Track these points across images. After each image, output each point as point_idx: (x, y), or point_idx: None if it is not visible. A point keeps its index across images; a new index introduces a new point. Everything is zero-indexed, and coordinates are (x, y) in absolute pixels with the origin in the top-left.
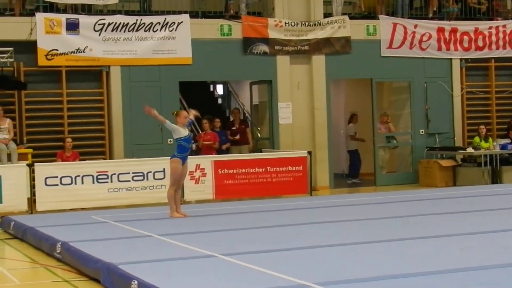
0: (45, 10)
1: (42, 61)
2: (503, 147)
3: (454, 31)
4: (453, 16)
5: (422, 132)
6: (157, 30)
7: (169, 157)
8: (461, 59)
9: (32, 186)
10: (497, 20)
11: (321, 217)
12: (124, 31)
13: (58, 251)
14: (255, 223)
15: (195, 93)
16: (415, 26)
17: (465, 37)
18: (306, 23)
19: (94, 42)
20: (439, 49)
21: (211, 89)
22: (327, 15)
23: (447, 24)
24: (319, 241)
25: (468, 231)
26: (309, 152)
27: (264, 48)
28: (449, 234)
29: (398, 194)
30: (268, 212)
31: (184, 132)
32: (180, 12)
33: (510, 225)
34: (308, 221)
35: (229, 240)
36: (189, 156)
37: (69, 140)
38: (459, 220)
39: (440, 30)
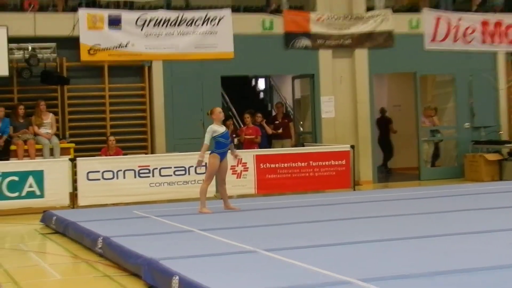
0: (88, 6)
1: (84, 56)
2: None
3: (498, 24)
4: (497, 9)
5: (467, 125)
6: (198, 25)
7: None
8: (506, 52)
9: (74, 181)
10: None
11: (364, 212)
12: (166, 26)
13: (99, 246)
14: (297, 218)
15: (236, 88)
16: (459, 19)
17: (510, 30)
18: (349, 17)
19: (136, 37)
20: (484, 42)
21: (253, 83)
22: (369, 8)
23: (491, 17)
24: (363, 236)
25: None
26: (352, 146)
27: (306, 42)
28: (496, 230)
29: (442, 189)
30: (311, 207)
31: (221, 129)
32: (221, 7)
33: None
34: (351, 216)
35: (271, 235)
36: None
37: (112, 138)
38: (506, 215)
39: (485, 23)
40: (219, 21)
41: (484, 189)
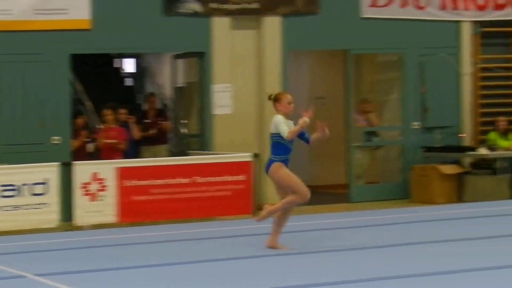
0: None
1: None
2: None
3: None
4: None
5: (416, 125)
6: None
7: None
8: (473, 22)
9: None
10: None
11: (264, 248)
12: None
13: None
14: (178, 257)
15: (93, 72)
16: None
17: None
18: None
19: None
20: (443, 8)
21: (117, 65)
22: None
23: None
24: (273, 281)
25: (481, 266)
26: (256, 155)
27: (194, 6)
28: (453, 271)
29: (380, 214)
30: (196, 241)
31: (289, 125)
32: None
33: None
34: (253, 254)
35: (140, 281)
36: (81, 162)
37: None
38: (468, 250)
39: None
40: None
41: (438, 215)
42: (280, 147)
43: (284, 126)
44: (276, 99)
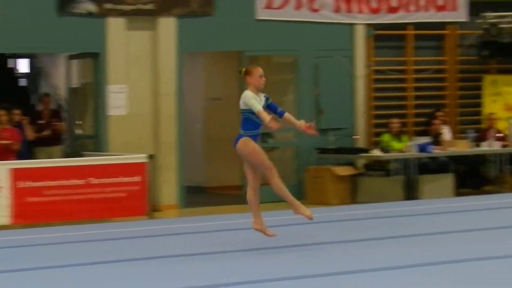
0: None
1: None
2: (422, 148)
3: None
4: None
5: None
6: None
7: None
8: (367, 25)
9: None
10: None
11: (165, 249)
12: None
13: None
14: (73, 259)
15: None
16: None
17: None
18: None
19: None
20: (337, 10)
21: (11, 65)
22: None
23: None
24: (177, 282)
25: (373, 266)
26: (151, 156)
27: (89, 6)
28: (350, 271)
29: (273, 216)
30: (92, 242)
31: (259, 100)
32: None
33: (432, 257)
34: (145, 256)
35: (34, 284)
36: None
37: None
38: (361, 251)
39: None
40: None
41: (331, 216)
42: (250, 123)
43: (254, 101)
44: (247, 72)
